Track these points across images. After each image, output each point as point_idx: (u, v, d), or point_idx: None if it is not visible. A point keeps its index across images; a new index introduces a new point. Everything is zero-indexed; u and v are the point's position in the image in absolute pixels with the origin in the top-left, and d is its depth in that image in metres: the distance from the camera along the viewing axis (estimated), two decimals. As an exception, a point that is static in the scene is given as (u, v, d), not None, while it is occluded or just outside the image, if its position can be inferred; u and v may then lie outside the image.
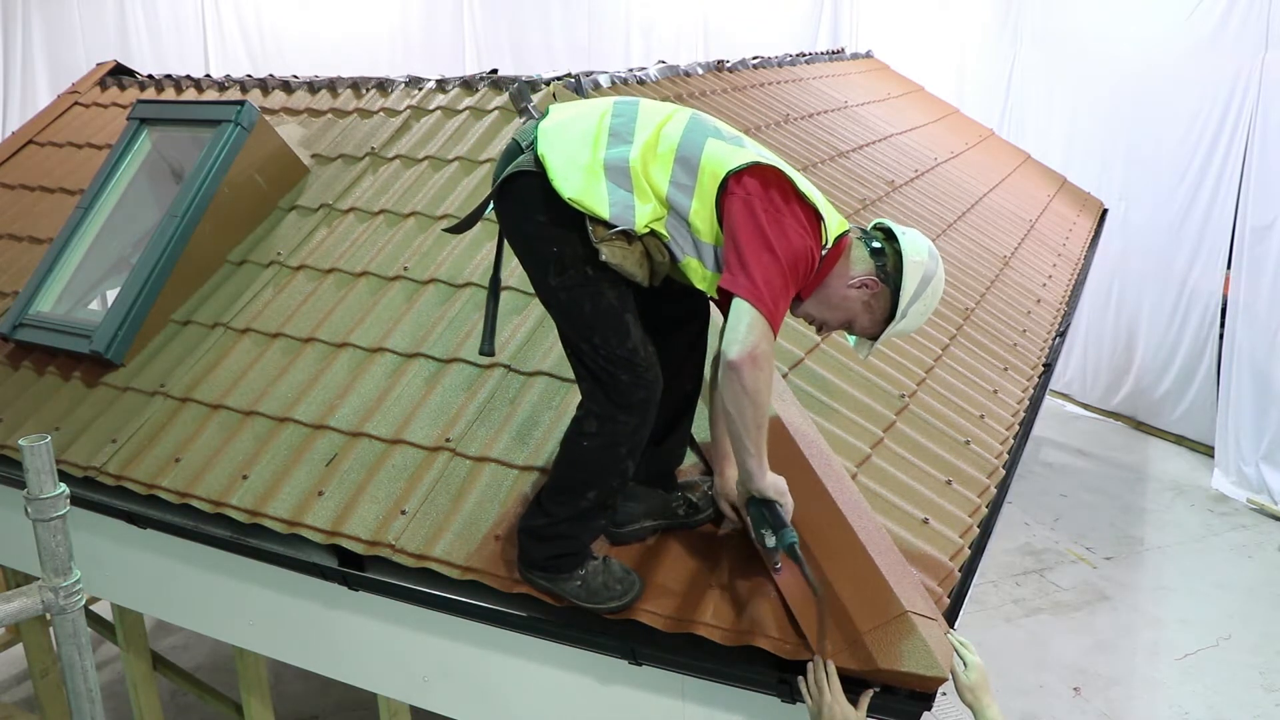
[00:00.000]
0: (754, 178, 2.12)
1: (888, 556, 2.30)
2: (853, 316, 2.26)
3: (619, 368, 2.17)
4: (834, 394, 3.00)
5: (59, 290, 3.83)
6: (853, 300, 2.23)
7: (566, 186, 2.13)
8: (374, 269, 3.49)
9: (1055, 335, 4.57)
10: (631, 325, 2.18)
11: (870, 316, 2.25)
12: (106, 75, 5.37)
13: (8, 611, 1.99)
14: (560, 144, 2.18)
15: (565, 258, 2.16)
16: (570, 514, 2.28)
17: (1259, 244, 7.02)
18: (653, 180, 2.15)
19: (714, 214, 2.13)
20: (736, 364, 2.02)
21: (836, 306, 2.25)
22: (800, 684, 2.08)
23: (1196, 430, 7.96)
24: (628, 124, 2.21)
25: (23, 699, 5.40)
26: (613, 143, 2.18)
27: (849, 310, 2.25)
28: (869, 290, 2.22)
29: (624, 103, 2.28)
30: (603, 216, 2.12)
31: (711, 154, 2.15)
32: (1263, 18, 6.93)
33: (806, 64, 7.10)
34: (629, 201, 2.13)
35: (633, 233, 2.13)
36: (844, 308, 2.25)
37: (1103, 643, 5.65)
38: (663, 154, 2.16)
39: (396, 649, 2.77)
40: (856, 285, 2.21)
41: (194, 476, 3.00)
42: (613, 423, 2.21)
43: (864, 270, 2.22)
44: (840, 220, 2.26)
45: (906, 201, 5.20)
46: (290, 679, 5.43)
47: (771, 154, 2.23)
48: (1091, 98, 8.31)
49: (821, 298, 2.25)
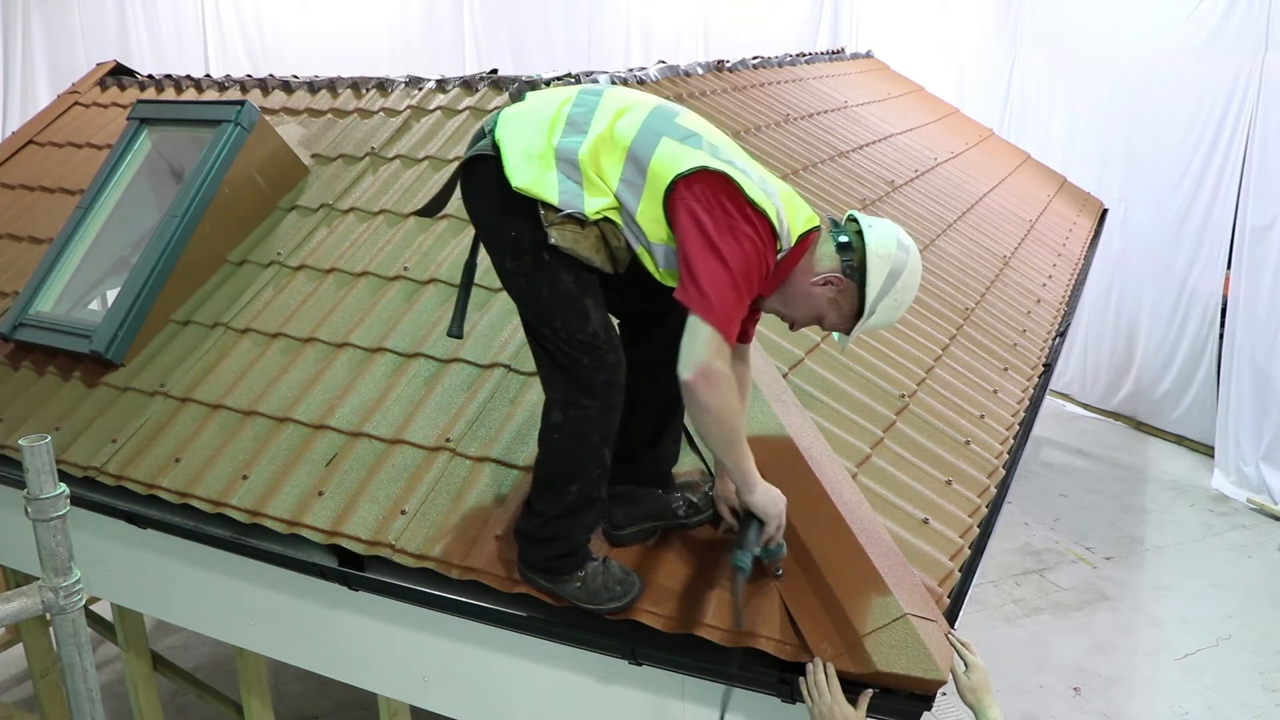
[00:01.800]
0: (701, 184, 2.06)
1: (887, 558, 2.30)
2: (820, 312, 2.21)
3: (580, 352, 2.15)
4: (834, 394, 3.00)
5: (59, 290, 3.83)
6: (817, 297, 2.17)
7: (516, 175, 2.11)
8: (374, 269, 3.49)
9: (1055, 335, 4.57)
10: (592, 309, 2.15)
11: (838, 313, 2.20)
12: (106, 75, 5.37)
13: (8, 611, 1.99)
14: (518, 130, 2.17)
15: (522, 242, 2.13)
16: (558, 511, 2.26)
17: (1259, 244, 7.02)
18: (604, 174, 2.12)
19: (662, 215, 2.09)
20: (690, 383, 2.00)
21: (802, 303, 2.20)
22: (800, 685, 2.08)
23: (1196, 430, 7.96)
24: (586, 114, 2.17)
25: (23, 699, 5.40)
26: (568, 131, 2.15)
27: (815, 307, 2.19)
28: (834, 287, 2.16)
29: (588, 91, 2.25)
30: (552, 202, 2.10)
31: (662, 155, 2.10)
32: (1263, 18, 6.93)
33: (806, 64, 7.10)
34: (577, 191, 2.11)
35: (584, 218, 2.11)
36: (809, 304, 2.20)
37: (1103, 643, 5.65)
38: (616, 149, 2.12)
39: (396, 649, 2.77)
40: (821, 282, 2.16)
41: (194, 476, 3.00)
42: (577, 409, 2.19)
43: (829, 267, 2.15)
44: (809, 216, 2.20)
45: (906, 201, 5.19)
46: (290, 679, 5.44)
47: (729, 149, 2.17)
48: (1091, 98, 8.31)
49: (786, 294, 2.20)
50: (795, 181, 4.58)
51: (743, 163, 2.15)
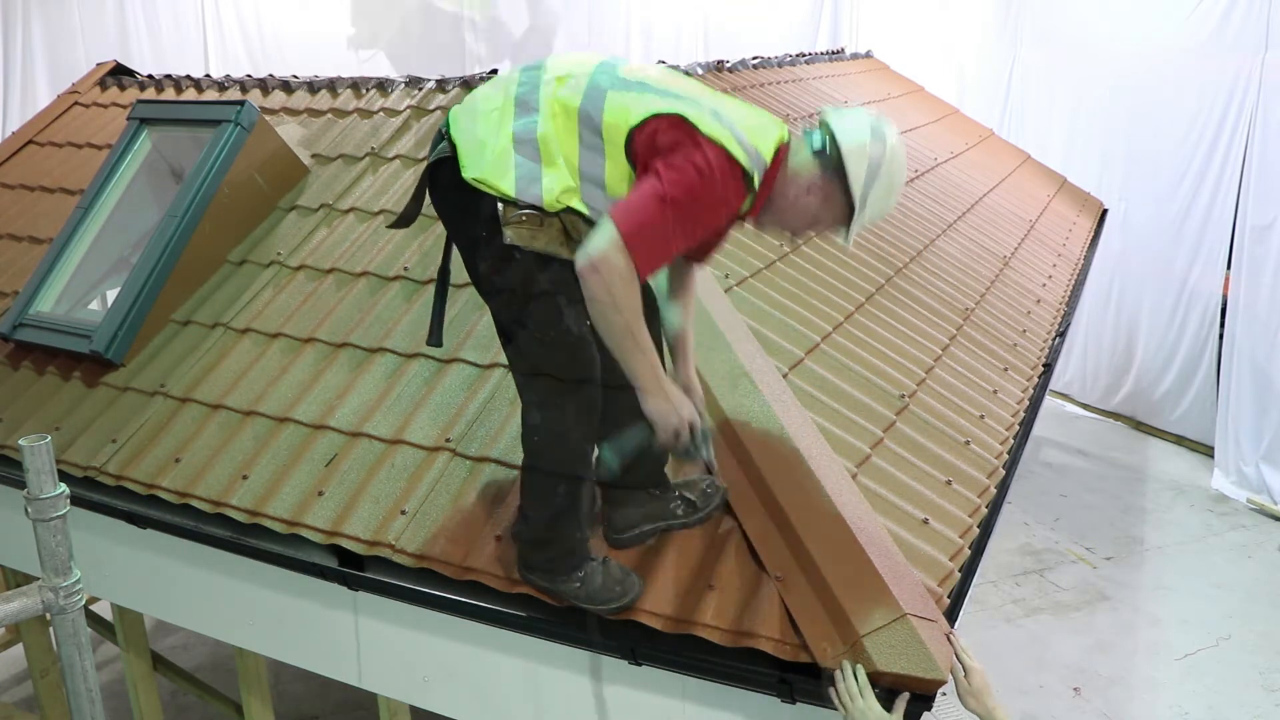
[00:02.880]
0: (655, 130, 2.05)
1: (887, 558, 2.30)
2: (813, 219, 2.20)
3: (554, 350, 2.16)
4: (834, 394, 3.00)
5: (59, 290, 3.83)
6: (805, 205, 2.17)
7: (470, 167, 2.10)
8: (374, 269, 3.49)
9: (1055, 335, 4.57)
10: (564, 306, 2.13)
11: (832, 214, 2.18)
12: (106, 75, 5.37)
13: (8, 611, 1.99)
14: (469, 125, 2.16)
15: (492, 242, 2.12)
16: (549, 514, 2.27)
17: (1259, 244, 7.02)
18: (564, 148, 2.11)
19: (630, 172, 2.09)
20: (580, 271, 2.00)
21: (793, 214, 2.20)
22: (832, 695, 2.06)
23: (1196, 430, 7.96)
24: (532, 91, 2.16)
25: (23, 699, 5.40)
26: (519, 113, 2.14)
27: (806, 214, 2.19)
28: (818, 192, 2.15)
29: (528, 69, 2.22)
30: (508, 194, 2.08)
31: (612, 110, 2.08)
32: (1263, 18, 6.92)
33: (806, 64, 7.10)
34: (535, 174, 2.09)
35: (543, 210, 2.09)
36: (800, 214, 2.19)
37: (1103, 643, 5.65)
38: (568, 118, 2.11)
39: (396, 649, 2.77)
40: (805, 191, 2.15)
41: (194, 476, 3.00)
42: (554, 409, 2.20)
43: (808, 173, 2.15)
44: (779, 134, 2.18)
45: (907, 202, 5.20)
46: (290, 679, 5.43)
47: (680, 87, 2.16)
48: (1091, 98, 8.31)
49: (775, 210, 2.20)
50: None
51: (694, 98, 2.13)
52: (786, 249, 3.79)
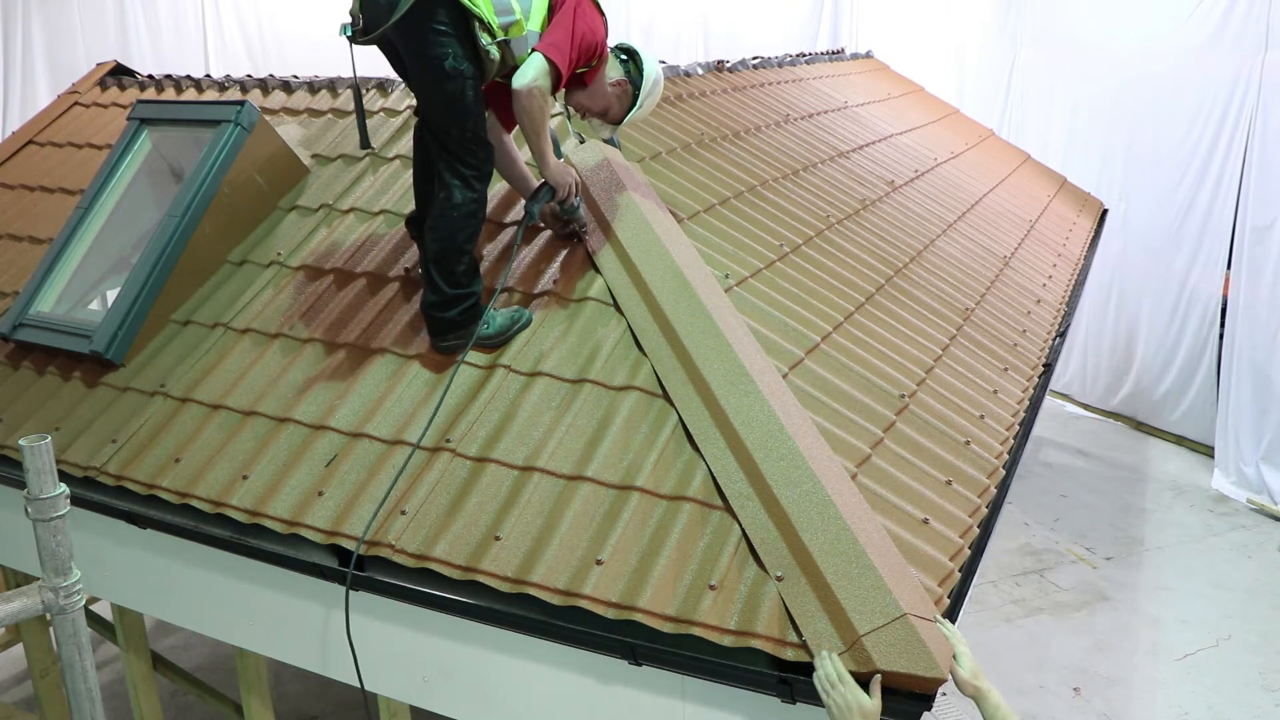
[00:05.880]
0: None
1: (887, 557, 2.30)
2: (608, 105, 3.15)
3: (478, 145, 2.96)
4: (834, 394, 3.00)
5: (59, 290, 3.82)
6: (610, 95, 3.14)
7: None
8: (374, 269, 3.49)
9: (1055, 335, 4.57)
10: (483, 114, 2.98)
11: (620, 106, 3.17)
12: (106, 75, 5.37)
13: (8, 611, 1.99)
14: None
15: (458, 58, 2.85)
16: (459, 274, 2.97)
17: (1259, 244, 7.02)
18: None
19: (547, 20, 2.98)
20: (517, 92, 2.86)
21: (600, 97, 3.13)
22: (815, 681, 2.08)
23: (1196, 430, 7.97)
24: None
25: (23, 699, 5.40)
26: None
27: (607, 100, 3.14)
28: (621, 88, 3.14)
29: None
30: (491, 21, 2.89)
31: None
32: (1263, 18, 6.93)
33: (806, 64, 7.10)
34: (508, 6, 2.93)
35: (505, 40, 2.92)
36: (603, 98, 3.14)
37: (1103, 643, 5.66)
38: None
39: (396, 649, 2.77)
40: (615, 84, 3.13)
41: (194, 476, 3.00)
42: (473, 191, 2.96)
43: (619, 74, 3.14)
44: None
45: (906, 201, 5.20)
46: (290, 679, 5.44)
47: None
48: (1091, 98, 8.32)
49: (592, 91, 3.13)
50: (796, 181, 4.59)
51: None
52: (786, 249, 3.79)
